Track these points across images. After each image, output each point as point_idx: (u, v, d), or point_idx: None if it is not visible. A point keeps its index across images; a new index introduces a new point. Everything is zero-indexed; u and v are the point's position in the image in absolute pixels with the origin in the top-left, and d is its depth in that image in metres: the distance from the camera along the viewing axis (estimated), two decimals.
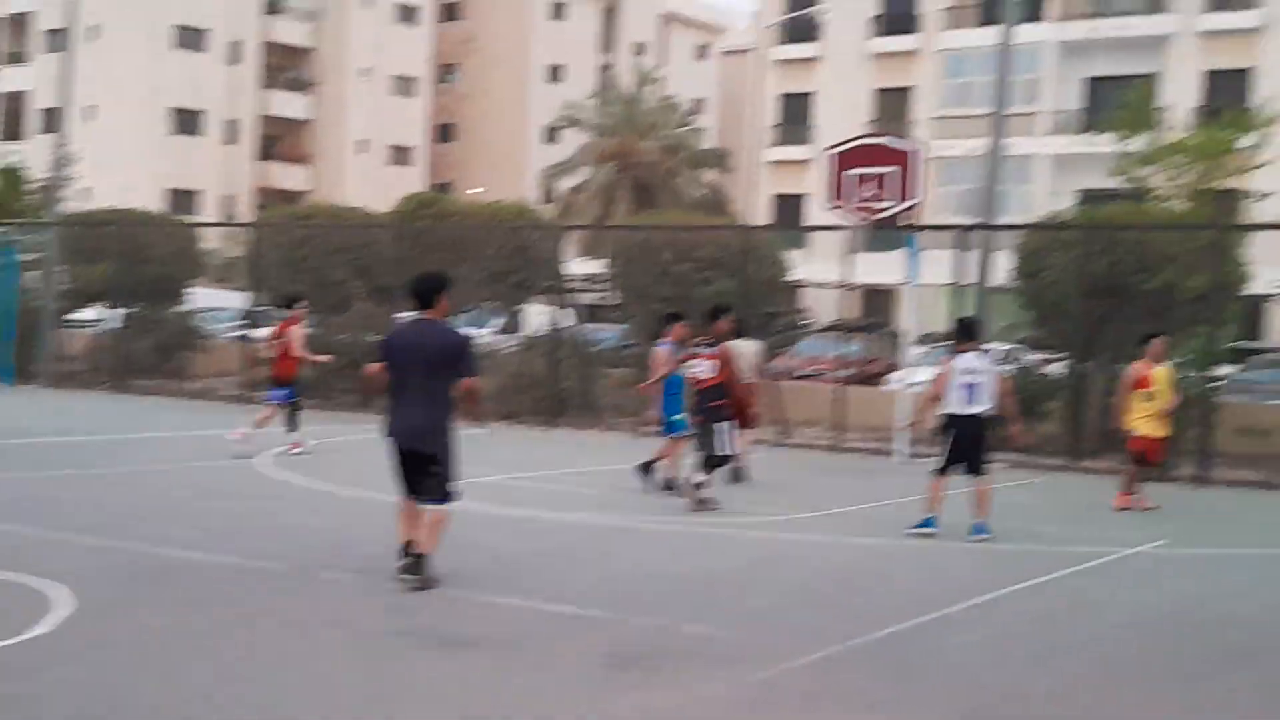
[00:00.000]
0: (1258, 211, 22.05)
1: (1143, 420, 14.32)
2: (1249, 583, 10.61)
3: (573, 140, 57.98)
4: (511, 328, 27.62)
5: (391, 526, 9.12)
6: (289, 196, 59.60)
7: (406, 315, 9.21)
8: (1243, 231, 21.38)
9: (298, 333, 16.61)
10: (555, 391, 21.98)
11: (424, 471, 8.65)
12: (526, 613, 8.34)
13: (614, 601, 8.70)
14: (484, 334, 25.26)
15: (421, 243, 24.33)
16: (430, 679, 6.84)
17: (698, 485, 12.90)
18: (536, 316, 27.69)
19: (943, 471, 11.96)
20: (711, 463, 13.06)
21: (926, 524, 11.93)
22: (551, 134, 64.33)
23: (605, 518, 12.47)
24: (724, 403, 13.05)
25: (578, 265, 38.66)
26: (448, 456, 8.69)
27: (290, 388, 16.41)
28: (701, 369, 13.17)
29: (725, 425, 13.03)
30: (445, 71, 69.06)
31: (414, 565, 8.64)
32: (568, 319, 23.09)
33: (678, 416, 13.84)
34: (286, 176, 63.67)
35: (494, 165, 65.15)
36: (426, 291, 8.70)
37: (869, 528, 12.66)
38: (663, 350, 14.03)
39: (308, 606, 8.32)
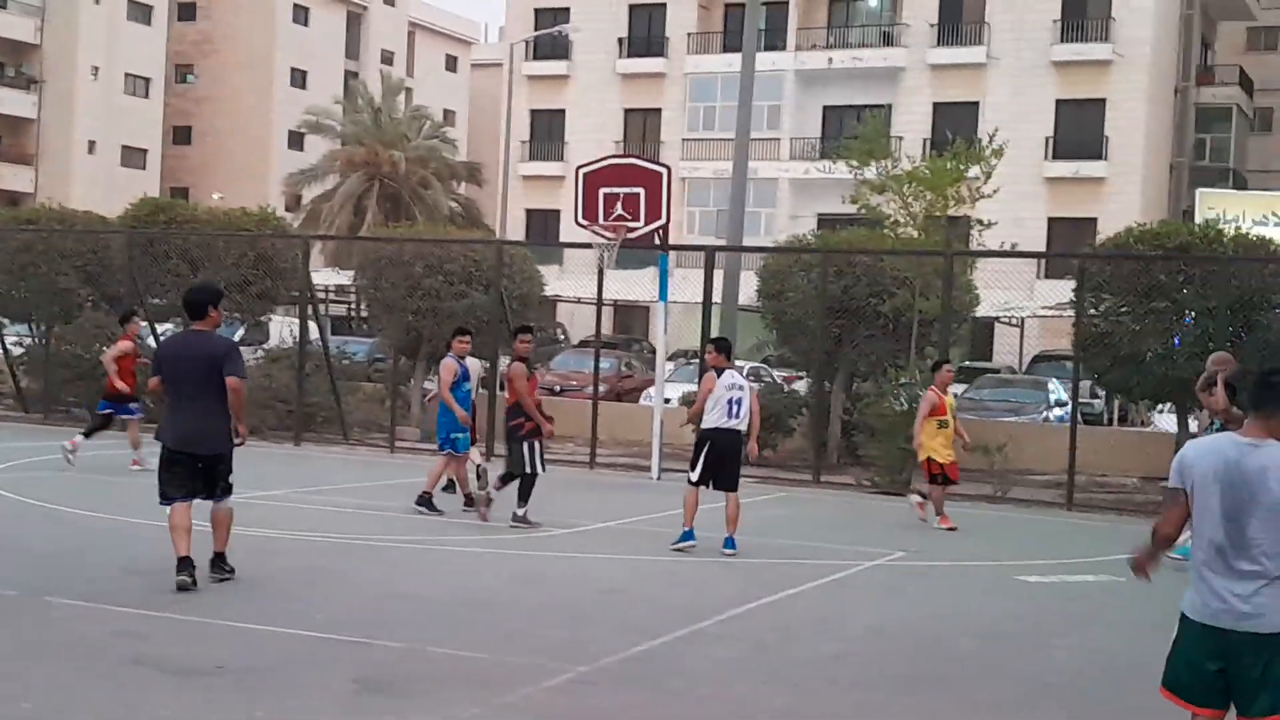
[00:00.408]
0: (985, 239, 23.27)
1: (939, 446, 14.63)
2: (980, 592, 11.13)
3: (320, 147, 56.64)
4: (254, 340, 26.70)
5: (122, 549, 8.65)
6: (12, 198, 56.18)
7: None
8: (971, 257, 22.54)
9: (121, 346, 16.42)
10: (301, 406, 21.35)
11: (210, 472, 9.13)
12: (272, 637, 8.04)
13: (363, 624, 8.47)
14: None
15: (155, 250, 23.27)
16: (171, 709, 6.48)
17: (520, 517, 12.89)
18: (281, 328, 26.90)
19: (701, 484, 12.14)
20: (523, 484, 13.01)
21: (686, 537, 12.10)
22: (297, 140, 62.71)
23: (355, 537, 12.16)
24: (519, 422, 12.96)
25: (326, 276, 37.80)
26: (229, 455, 9.22)
27: (125, 402, 16.17)
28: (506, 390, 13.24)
29: (524, 444, 12.92)
30: (182, 72, 66.48)
31: (218, 564, 9.31)
32: (314, 331, 22.47)
33: (458, 434, 13.81)
34: (9, 178, 59.98)
35: (236, 171, 62.98)
36: (198, 304, 9.19)
37: (626, 544, 12.75)
38: (448, 362, 14.04)
39: (39, 633, 7.80)
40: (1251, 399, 5.01)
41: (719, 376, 12.18)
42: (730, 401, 12.03)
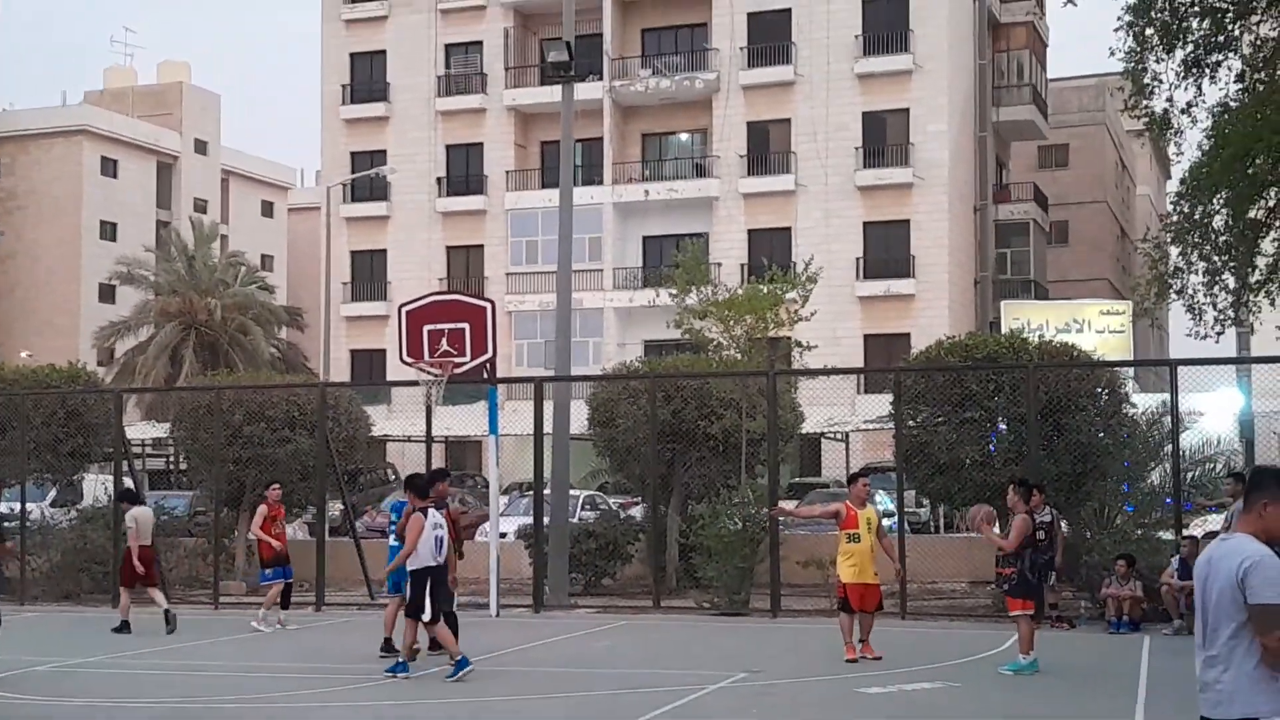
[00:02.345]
0: (806, 358, 23.83)
1: (844, 565, 13.63)
2: (822, 708, 11.14)
3: (132, 299, 55.26)
4: (67, 500, 25.62)
5: None
6: None
7: None
8: (793, 377, 23.02)
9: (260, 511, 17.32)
10: (119, 566, 20.41)
11: None
12: None
13: None
14: (35, 509, 23.26)
15: None
16: None
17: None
18: (95, 486, 25.89)
19: (437, 620, 12.51)
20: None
21: (464, 665, 12.37)
22: (108, 293, 61.08)
23: (179, 701, 11.59)
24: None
25: (142, 429, 36.60)
26: None
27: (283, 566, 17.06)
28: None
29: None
30: None
31: None
32: (130, 487, 21.64)
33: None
34: None
35: (44, 327, 60.88)
36: None
37: (463, 685, 12.42)
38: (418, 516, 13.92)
39: None
40: (1244, 497, 5.20)
41: (429, 515, 12.65)
42: (437, 539, 12.63)
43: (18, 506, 22.32)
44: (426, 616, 12.43)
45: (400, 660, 12.65)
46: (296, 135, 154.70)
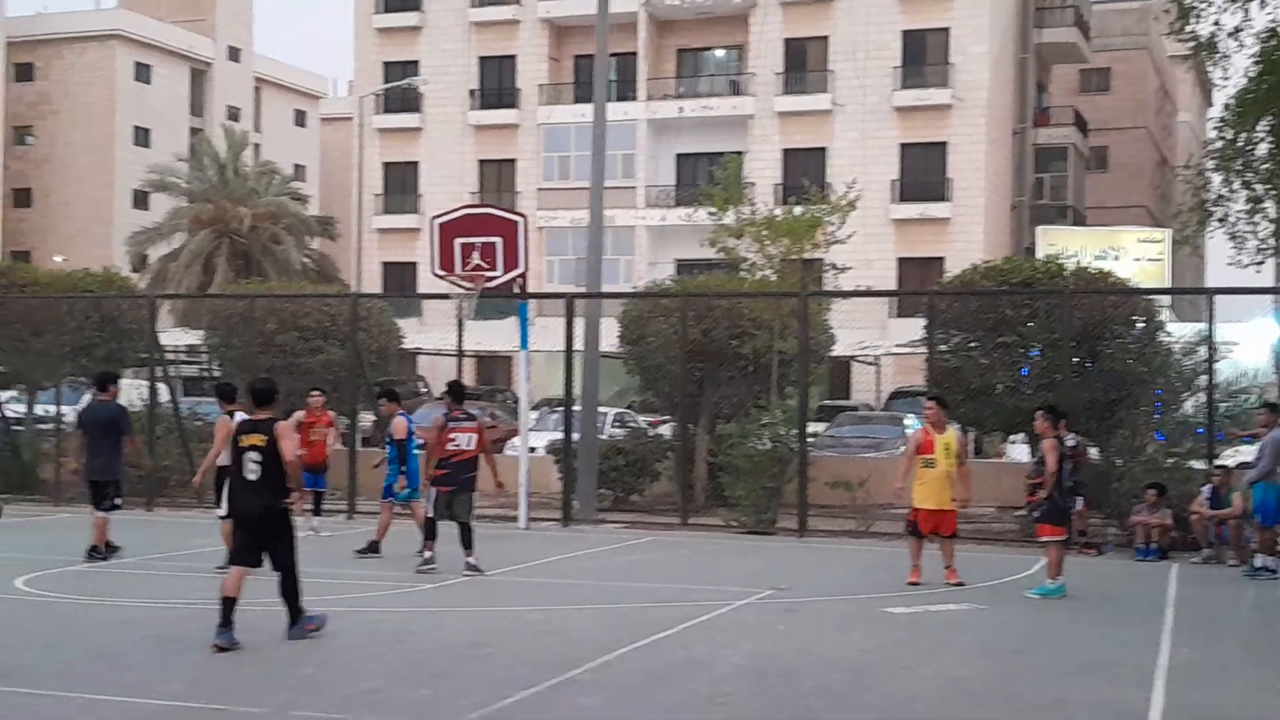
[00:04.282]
0: (839, 280, 23.68)
1: (918, 490, 13.37)
2: (847, 626, 11.20)
3: (165, 206, 55.38)
4: None
5: None
6: None
7: None
8: (826, 298, 22.91)
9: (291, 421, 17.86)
10: (153, 470, 20.68)
11: (102, 492, 14.53)
12: (105, 705, 7.74)
13: (219, 691, 8.18)
14: (70, 412, 23.49)
15: None
16: None
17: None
18: (130, 391, 26.10)
19: (228, 518, 12.68)
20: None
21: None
22: (142, 199, 61.21)
23: (211, 603, 11.74)
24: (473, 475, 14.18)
25: (175, 336, 36.82)
26: (117, 483, 14.90)
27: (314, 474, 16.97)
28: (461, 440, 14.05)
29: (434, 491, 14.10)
30: (21, 134, 64.51)
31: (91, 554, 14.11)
32: (164, 393, 21.83)
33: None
34: None
35: (78, 232, 61.16)
36: (103, 381, 14.85)
37: (492, 596, 12.56)
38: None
39: None
40: None
41: (232, 420, 12.87)
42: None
43: (53, 409, 22.59)
44: (222, 511, 12.76)
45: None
46: (330, 44, 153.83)
